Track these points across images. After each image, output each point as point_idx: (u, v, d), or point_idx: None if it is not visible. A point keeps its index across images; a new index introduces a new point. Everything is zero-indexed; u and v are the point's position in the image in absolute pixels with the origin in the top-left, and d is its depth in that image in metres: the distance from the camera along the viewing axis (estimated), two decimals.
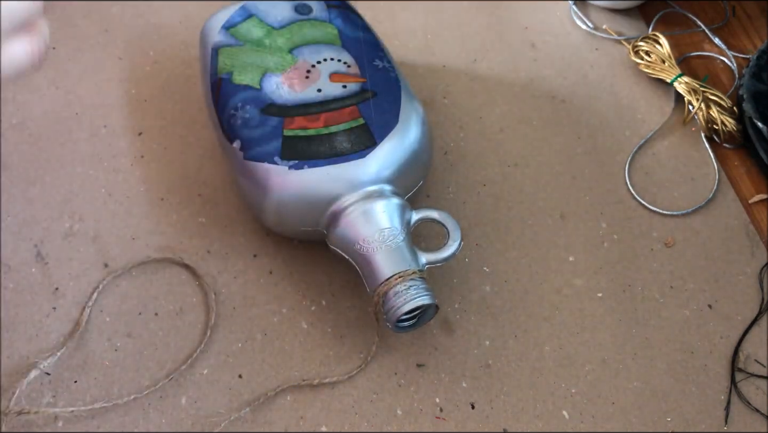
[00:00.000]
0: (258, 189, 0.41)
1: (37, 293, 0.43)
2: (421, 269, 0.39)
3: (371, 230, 0.39)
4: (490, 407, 0.42)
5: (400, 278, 0.38)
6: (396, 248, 0.39)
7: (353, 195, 0.40)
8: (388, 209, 0.40)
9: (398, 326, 0.39)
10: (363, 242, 0.39)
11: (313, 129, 0.41)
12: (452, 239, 0.40)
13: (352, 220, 0.39)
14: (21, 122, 0.49)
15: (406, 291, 0.38)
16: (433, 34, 0.56)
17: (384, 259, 0.39)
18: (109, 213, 0.46)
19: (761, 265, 0.48)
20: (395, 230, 0.39)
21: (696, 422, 0.42)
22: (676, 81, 0.53)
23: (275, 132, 0.41)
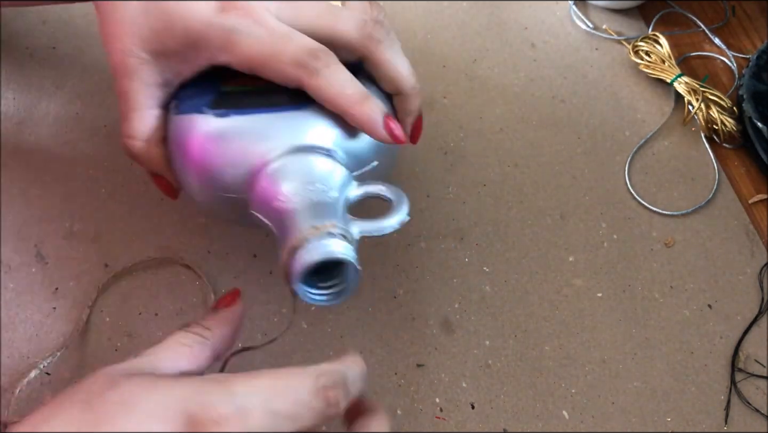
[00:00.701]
0: (180, 145, 0.36)
1: (37, 293, 0.43)
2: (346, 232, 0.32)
3: (295, 184, 0.33)
4: (490, 407, 0.42)
5: (316, 230, 0.31)
6: (320, 202, 0.33)
7: (281, 148, 0.34)
8: (322, 168, 0.34)
9: (309, 294, 0.32)
10: (283, 198, 0.33)
11: (252, 86, 0.37)
12: (396, 210, 0.34)
13: (275, 173, 0.34)
14: (21, 122, 0.48)
15: (317, 243, 0.31)
16: (433, 34, 0.56)
17: (303, 213, 0.32)
18: (109, 213, 0.46)
19: (761, 265, 0.48)
20: (325, 187, 0.33)
21: (696, 422, 0.42)
22: (676, 81, 0.53)
23: (211, 89, 0.37)
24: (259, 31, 0.34)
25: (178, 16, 0.35)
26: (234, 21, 0.34)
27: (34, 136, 0.48)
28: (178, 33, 0.35)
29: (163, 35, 0.36)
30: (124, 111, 0.38)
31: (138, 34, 0.36)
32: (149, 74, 0.37)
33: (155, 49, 0.36)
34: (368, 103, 0.34)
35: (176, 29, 0.35)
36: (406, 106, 0.38)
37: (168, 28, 0.35)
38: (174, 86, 0.38)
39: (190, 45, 0.36)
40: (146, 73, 0.37)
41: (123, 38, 0.36)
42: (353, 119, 0.35)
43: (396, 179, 0.49)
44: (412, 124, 0.39)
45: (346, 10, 0.36)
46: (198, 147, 0.35)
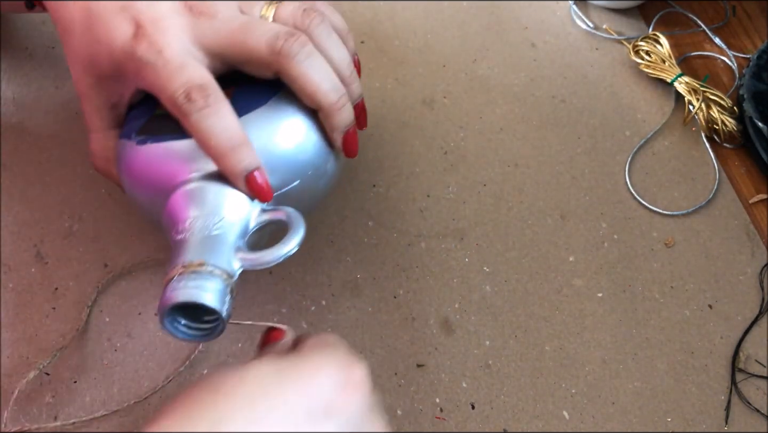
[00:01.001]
0: (118, 168, 0.38)
1: (37, 293, 0.43)
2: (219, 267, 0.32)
3: (189, 214, 0.33)
4: (490, 407, 0.42)
5: (184, 268, 0.31)
6: (206, 238, 0.32)
7: (187, 174, 0.34)
8: (217, 196, 0.34)
9: (176, 328, 0.32)
10: (176, 229, 0.33)
11: None
12: (284, 241, 0.33)
13: (177, 201, 0.34)
14: (21, 122, 0.48)
15: (184, 283, 0.31)
16: (433, 34, 0.56)
17: (186, 247, 0.32)
18: (109, 213, 0.46)
19: (761, 265, 0.48)
20: (216, 217, 0.33)
21: (696, 422, 0.42)
22: (676, 81, 0.53)
23: (148, 112, 0.38)
24: (158, 61, 0.35)
25: (104, 43, 0.36)
26: (141, 49, 0.35)
27: (34, 137, 0.48)
28: (105, 59, 0.36)
29: (96, 61, 0.37)
30: (87, 131, 0.40)
31: (82, 61, 0.37)
32: (98, 98, 0.38)
33: (96, 74, 0.37)
34: (232, 156, 0.34)
35: (103, 56, 0.36)
36: (330, 122, 0.37)
37: (98, 54, 0.37)
38: (122, 107, 0.39)
39: (116, 70, 0.37)
40: (95, 97, 0.38)
41: (74, 65, 0.38)
42: (218, 168, 0.34)
43: (396, 179, 0.49)
44: (344, 138, 0.37)
45: (261, 25, 0.35)
46: (125, 172, 0.37)
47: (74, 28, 0.37)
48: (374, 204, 0.48)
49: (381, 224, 0.47)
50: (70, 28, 0.37)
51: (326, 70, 0.36)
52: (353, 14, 0.57)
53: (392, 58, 0.55)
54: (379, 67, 0.54)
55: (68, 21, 0.37)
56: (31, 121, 0.49)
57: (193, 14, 0.36)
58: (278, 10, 0.37)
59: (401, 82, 0.53)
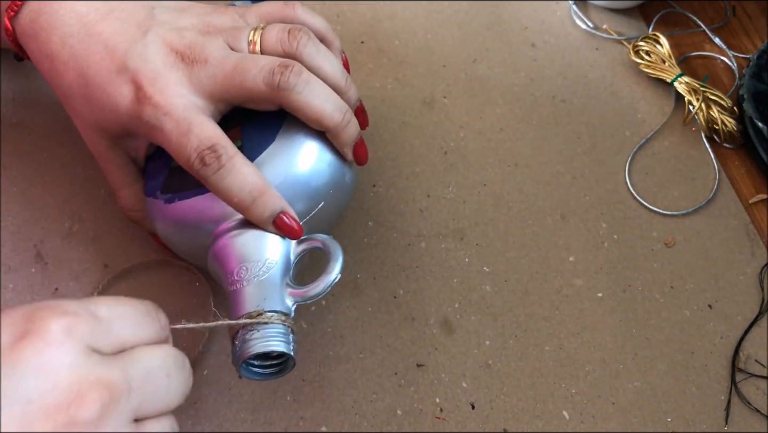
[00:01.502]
0: (152, 224, 0.39)
1: (37, 293, 0.43)
2: (277, 311, 0.34)
3: (237, 264, 0.35)
4: (490, 407, 0.42)
5: (247, 321, 0.33)
6: (257, 285, 0.34)
7: (221, 226, 0.36)
8: (256, 240, 0.35)
9: (251, 372, 0.35)
10: (225, 280, 0.35)
11: None
12: (327, 272, 0.35)
13: (220, 253, 0.36)
14: (21, 122, 0.48)
15: (255, 335, 0.33)
16: (433, 34, 0.56)
17: (243, 297, 0.34)
18: (109, 213, 0.46)
19: (761, 265, 0.48)
20: (260, 262, 0.35)
21: (696, 422, 0.42)
22: (676, 81, 0.53)
23: (165, 165, 0.39)
24: (167, 125, 0.35)
25: (108, 109, 0.37)
26: (147, 114, 0.35)
27: (34, 136, 0.48)
28: (114, 124, 0.37)
29: (105, 125, 0.38)
30: (113, 189, 0.41)
31: (91, 125, 0.38)
32: (117, 157, 0.40)
33: (108, 136, 0.38)
34: (255, 208, 0.35)
35: (111, 121, 0.37)
36: (339, 141, 0.37)
37: (106, 119, 0.37)
38: (141, 159, 0.40)
39: (126, 131, 0.37)
40: (115, 157, 0.39)
41: (84, 128, 0.39)
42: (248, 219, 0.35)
43: (396, 179, 0.49)
44: (354, 149, 0.38)
45: (254, 62, 0.36)
46: (161, 229, 0.39)
47: (73, 94, 0.37)
48: (374, 204, 0.48)
49: (381, 223, 0.47)
50: (70, 95, 0.38)
51: (326, 93, 0.37)
52: (353, 14, 0.57)
53: (392, 58, 0.55)
54: (379, 67, 0.54)
55: (66, 88, 0.38)
56: (31, 122, 0.49)
57: (186, 63, 0.36)
58: (264, 36, 0.37)
59: (401, 82, 0.53)
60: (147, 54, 0.36)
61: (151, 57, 0.36)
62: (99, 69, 0.36)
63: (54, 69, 0.37)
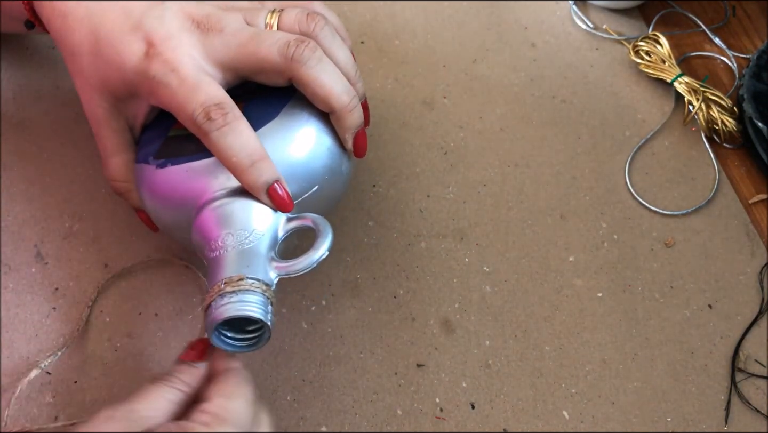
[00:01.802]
0: (139, 191, 0.39)
1: (37, 293, 0.43)
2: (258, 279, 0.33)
3: (221, 231, 0.34)
4: (490, 407, 0.42)
5: (225, 285, 0.33)
6: (243, 250, 0.34)
7: (211, 194, 0.35)
8: (245, 210, 0.35)
9: (224, 342, 0.34)
10: (209, 247, 0.34)
11: None
12: (315, 247, 0.34)
13: (205, 219, 0.35)
14: (21, 122, 0.48)
15: (228, 299, 0.32)
16: (433, 34, 0.56)
17: (223, 263, 0.33)
18: (109, 213, 0.46)
19: (761, 265, 0.48)
20: (246, 231, 0.34)
21: (696, 422, 0.42)
22: (676, 81, 0.53)
23: (162, 134, 0.39)
24: (173, 80, 0.35)
25: (114, 65, 0.36)
26: (155, 69, 0.35)
27: (34, 136, 0.48)
28: (117, 81, 0.37)
29: (109, 84, 0.37)
30: (103, 156, 0.40)
31: (94, 85, 0.38)
32: (115, 121, 0.39)
33: (109, 97, 0.38)
34: (252, 171, 0.34)
35: (115, 77, 0.37)
36: (342, 124, 0.37)
37: (110, 76, 0.37)
38: (137, 128, 0.40)
39: (129, 91, 0.37)
40: (112, 121, 0.39)
41: (86, 89, 0.38)
42: (240, 183, 0.35)
43: (396, 179, 0.49)
44: (354, 139, 0.38)
45: (270, 35, 0.36)
46: (147, 196, 0.38)
47: (82, 52, 0.37)
48: (374, 204, 0.48)
49: (381, 223, 0.47)
50: (78, 52, 0.37)
51: (337, 74, 0.37)
52: (353, 14, 0.57)
53: (392, 58, 0.55)
54: (379, 67, 0.54)
55: (75, 45, 0.37)
56: (31, 122, 0.49)
57: (202, 30, 0.36)
58: (282, 17, 0.38)
59: (401, 82, 0.53)
60: (164, 16, 0.36)
61: (167, 19, 0.36)
62: (113, 26, 0.36)
63: (66, 25, 0.37)
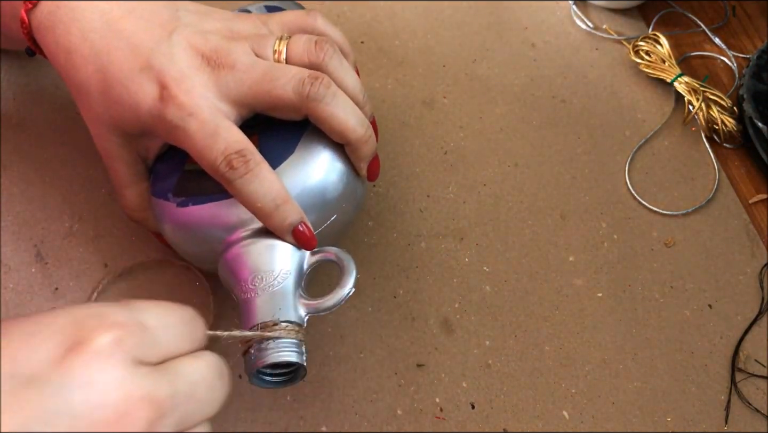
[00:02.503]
0: (160, 224, 0.39)
1: (37, 293, 0.43)
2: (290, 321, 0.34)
3: (250, 273, 0.35)
4: (490, 407, 0.42)
5: (261, 330, 0.34)
6: (271, 295, 0.35)
7: (236, 233, 0.36)
8: (271, 250, 0.36)
9: (262, 381, 0.35)
10: (238, 288, 0.35)
11: None
12: (341, 285, 0.35)
13: (232, 261, 0.36)
14: (21, 122, 0.48)
15: (267, 347, 0.33)
16: (433, 34, 0.56)
17: (255, 306, 0.34)
18: (109, 213, 0.46)
19: (761, 265, 0.48)
20: (275, 272, 0.35)
21: (696, 422, 0.42)
22: (676, 81, 0.53)
23: (178, 167, 0.39)
24: (191, 126, 0.35)
25: (127, 106, 0.36)
26: (171, 113, 0.35)
27: (34, 136, 0.48)
28: (131, 121, 0.37)
29: (121, 122, 0.37)
30: (117, 188, 0.40)
31: (105, 122, 0.38)
32: (127, 154, 0.39)
33: (121, 133, 0.38)
34: (277, 216, 0.35)
35: (128, 117, 0.37)
36: (358, 155, 0.38)
37: (122, 116, 0.37)
38: (150, 159, 0.40)
39: (143, 130, 0.37)
40: (124, 154, 0.39)
41: (96, 124, 0.38)
42: (266, 227, 0.36)
43: (396, 179, 0.49)
44: (368, 167, 0.39)
45: (283, 71, 0.36)
46: (170, 232, 0.38)
47: (90, 90, 0.37)
48: (374, 204, 0.48)
49: (381, 223, 0.47)
50: (85, 90, 0.37)
51: (351, 106, 0.37)
52: (353, 14, 0.57)
53: (392, 58, 0.55)
54: (379, 67, 0.54)
55: (82, 83, 0.37)
56: (31, 122, 0.49)
57: (213, 67, 0.36)
58: (290, 47, 0.37)
59: (401, 82, 0.53)
60: (173, 54, 0.36)
61: (177, 58, 0.36)
62: (121, 66, 0.36)
63: (71, 62, 0.37)
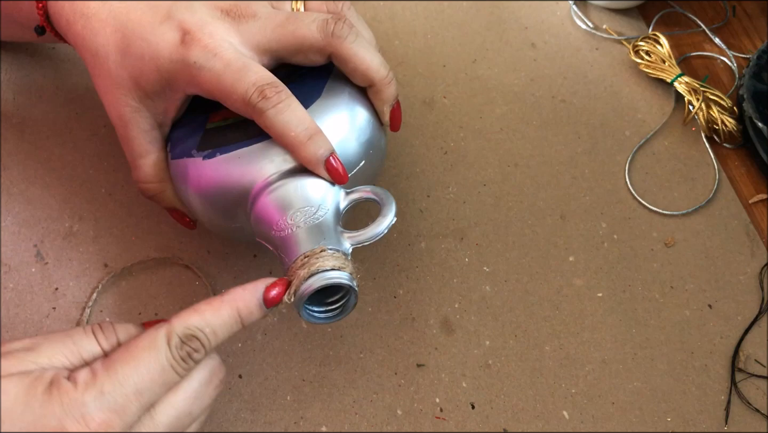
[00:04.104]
0: (182, 187, 0.38)
1: (37, 293, 0.43)
2: (337, 249, 0.34)
3: (286, 212, 0.35)
4: (490, 407, 0.42)
5: (306, 258, 0.33)
6: (312, 226, 0.34)
7: (267, 177, 0.36)
8: (310, 189, 0.36)
9: (313, 315, 0.35)
10: (277, 227, 0.35)
11: (233, 118, 0.38)
12: (383, 215, 0.36)
13: (267, 203, 0.35)
14: (21, 122, 0.48)
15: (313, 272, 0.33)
16: (433, 34, 0.56)
17: (298, 239, 0.34)
18: (109, 213, 0.46)
19: (761, 265, 0.48)
20: (313, 207, 0.35)
21: (696, 422, 0.42)
22: (676, 81, 0.53)
23: (199, 127, 0.39)
24: (217, 65, 0.35)
25: (148, 57, 0.36)
26: (195, 55, 0.35)
27: (34, 136, 0.48)
28: (151, 74, 0.36)
29: (141, 80, 0.37)
30: (131, 159, 0.40)
31: (123, 85, 0.37)
32: (144, 120, 0.38)
33: (139, 95, 0.37)
34: (310, 145, 0.35)
35: (149, 71, 0.36)
36: (381, 97, 0.38)
37: (143, 71, 0.36)
38: (167, 125, 0.40)
39: (164, 83, 0.37)
40: (141, 120, 0.38)
41: (113, 90, 0.38)
42: (297, 159, 0.35)
43: (396, 179, 0.49)
44: (390, 112, 0.39)
45: (305, 15, 0.36)
46: (195, 188, 0.37)
47: (108, 52, 0.37)
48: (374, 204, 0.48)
49: None
50: (103, 54, 0.37)
51: (372, 49, 0.37)
52: None
53: (392, 58, 0.55)
54: None
55: (100, 46, 0.37)
56: (31, 122, 0.49)
57: (233, 18, 0.36)
58: (308, 2, 0.38)
59: (401, 82, 0.53)
60: (193, 6, 0.36)
61: (197, 8, 0.36)
62: (140, 21, 0.36)
63: (88, 27, 0.37)
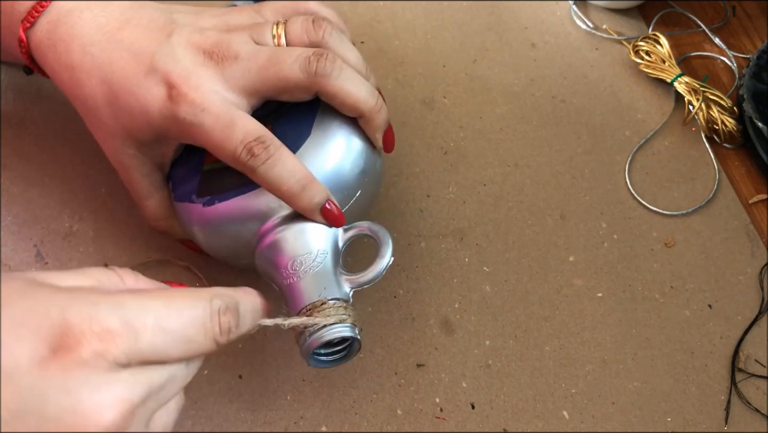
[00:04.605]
0: (187, 228, 0.39)
1: None
2: (338, 298, 0.35)
3: (286, 260, 0.36)
4: (490, 407, 0.42)
5: (309, 311, 0.34)
6: (313, 277, 0.35)
7: (267, 223, 0.36)
8: (304, 234, 0.36)
9: (319, 361, 0.36)
10: (279, 274, 0.36)
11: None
12: (381, 255, 0.36)
13: (267, 251, 0.36)
14: (21, 122, 0.48)
15: (317, 327, 0.34)
16: (433, 34, 0.56)
17: (300, 289, 0.35)
18: (109, 213, 0.46)
19: (761, 265, 0.48)
20: (312, 254, 0.36)
21: (696, 422, 0.42)
22: (676, 81, 0.53)
23: (197, 168, 0.39)
24: (206, 120, 0.35)
25: (137, 112, 0.36)
26: (183, 111, 0.35)
27: (34, 136, 0.48)
28: (144, 128, 0.36)
29: (133, 131, 0.37)
30: (137, 200, 0.40)
31: (118, 135, 0.37)
32: (142, 165, 0.39)
33: (136, 144, 0.38)
34: (305, 196, 0.35)
35: (139, 124, 0.36)
36: (372, 125, 0.38)
37: (133, 124, 0.37)
38: (167, 165, 0.40)
39: (157, 135, 0.37)
40: (141, 165, 0.39)
41: (109, 140, 0.38)
42: (293, 208, 0.36)
43: (396, 179, 0.49)
44: (383, 138, 0.39)
45: (287, 53, 0.36)
46: (200, 233, 0.38)
47: (97, 104, 0.37)
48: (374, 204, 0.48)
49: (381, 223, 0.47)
50: (92, 105, 0.37)
51: (358, 78, 0.37)
52: (353, 14, 0.57)
53: (392, 58, 0.55)
54: (379, 67, 0.54)
55: (89, 98, 0.37)
56: (31, 122, 0.49)
57: (216, 62, 0.36)
58: (288, 29, 0.38)
59: (401, 82, 0.53)
60: (175, 54, 0.36)
61: (180, 57, 0.36)
62: (125, 73, 0.36)
63: (74, 79, 0.37)
